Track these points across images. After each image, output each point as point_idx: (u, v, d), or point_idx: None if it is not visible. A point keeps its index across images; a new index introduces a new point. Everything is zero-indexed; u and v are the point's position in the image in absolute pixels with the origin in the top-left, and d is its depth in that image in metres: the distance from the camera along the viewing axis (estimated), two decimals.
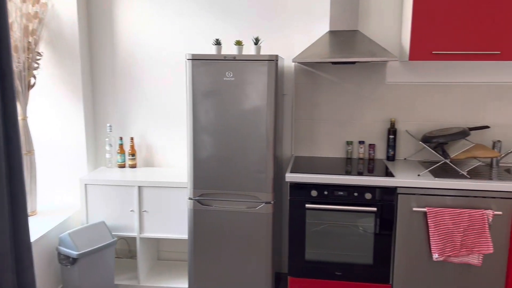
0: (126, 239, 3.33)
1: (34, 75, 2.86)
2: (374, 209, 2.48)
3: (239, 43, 2.61)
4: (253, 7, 2.97)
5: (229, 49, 3.01)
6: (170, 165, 3.24)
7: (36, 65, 2.86)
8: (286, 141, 3.09)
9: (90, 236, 2.77)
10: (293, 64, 2.98)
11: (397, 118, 2.94)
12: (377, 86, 2.92)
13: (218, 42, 2.63)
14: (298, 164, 2.79)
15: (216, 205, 2.62)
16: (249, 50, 2.93)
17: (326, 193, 2.52)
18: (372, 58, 2.45)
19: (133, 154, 3.17)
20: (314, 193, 2.52)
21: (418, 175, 2.50)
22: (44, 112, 3.08)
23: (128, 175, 2.97)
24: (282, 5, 2.94)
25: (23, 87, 2.76)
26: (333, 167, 2.70)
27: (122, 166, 3.18)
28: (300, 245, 2.59)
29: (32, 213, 2.90)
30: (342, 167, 2.71)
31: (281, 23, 2.96)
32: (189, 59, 2.51)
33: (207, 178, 2.60)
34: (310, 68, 2.97)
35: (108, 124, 3.18)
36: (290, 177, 2.53)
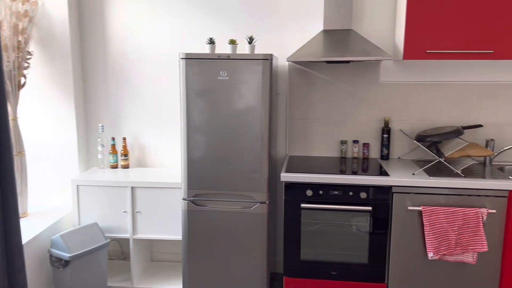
0: (119, 241, 3.29)
1: (24, 75, 2.82)
2: (369, 208, 2.47)
3: (233, 42, 2.58)
4: (247, 6, 2.95)
5: (223, 48, 2.99)
6: (163, 165, 3.21)
7: (26, 64, 2.81)
8: (280, 140, 3.08)
9: (82, 237, 2.73)
10: (287, 63, 2.97)
11: (391, 117, 2.94)
12: (371, 85, 2.93)
13: (212, 41, 2.60)
14: (292, 163, 2.78)
15: (210, 205, 2.60)
16: (243, 49, 2.92)
17: (321, 192, 2.51)
18: (366, 57, 2.45)
19: (125, 155, 3.14)
20: (309, 192, 2.52)
21: (413, 174, 2.50)
22: (34, 112, 3.03)
23: (120, 176, 2.93)
24: (276, 4, 2.93)
25: (13, 87, 2.72)
26: (327, 167, 2.69)
27: (115, 167, 3.15)
28: (295, 245, 2.58)
29: (23, 215, 2.86)
30: (336, 167, 2.70)
31: (275, 22, 2.95)
32: (182, 58, 2.49)
33: (201, 178, 2.58)
34: (304, 67, 2.96)
35: (100, 124, 3.14)
36: (285, 176, 2.52)
